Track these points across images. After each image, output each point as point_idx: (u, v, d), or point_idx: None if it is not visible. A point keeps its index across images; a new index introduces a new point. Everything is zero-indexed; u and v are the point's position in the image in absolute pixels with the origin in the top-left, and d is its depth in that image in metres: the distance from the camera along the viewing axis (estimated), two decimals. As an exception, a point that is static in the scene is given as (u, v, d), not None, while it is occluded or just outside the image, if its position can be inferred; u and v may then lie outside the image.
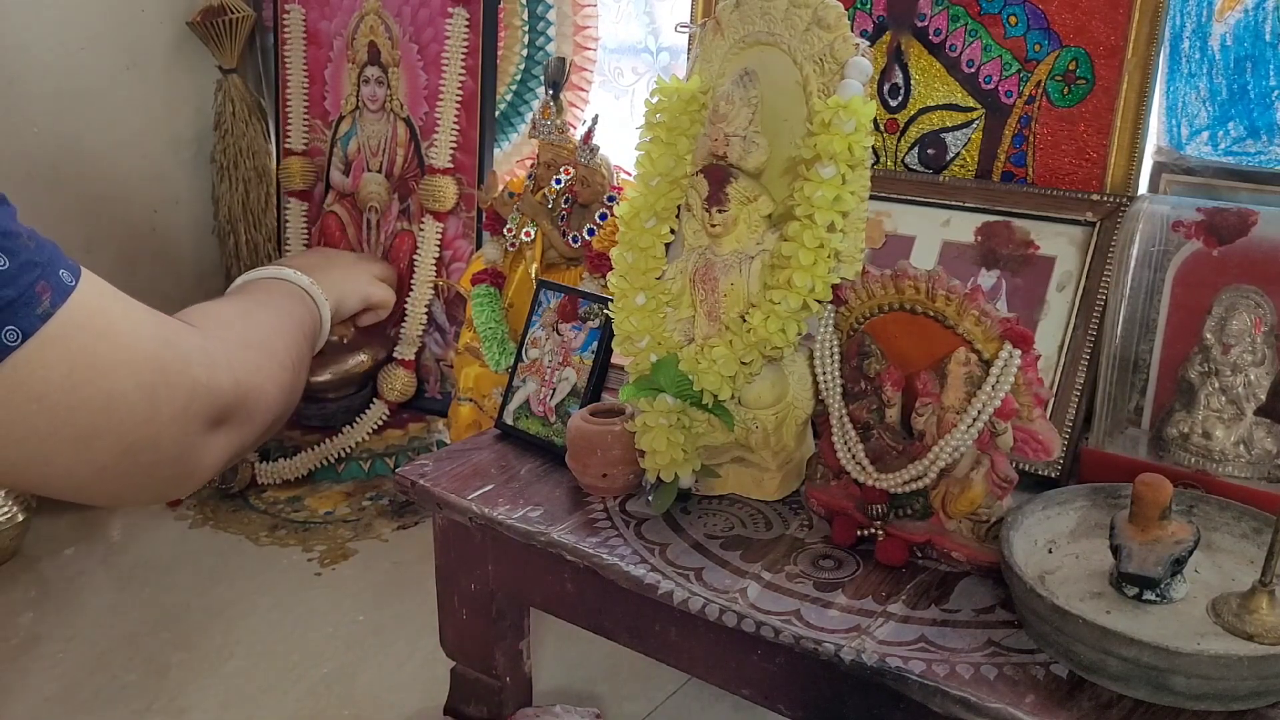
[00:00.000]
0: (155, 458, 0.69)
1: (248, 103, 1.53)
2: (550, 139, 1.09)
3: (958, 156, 0.99)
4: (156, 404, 0.67)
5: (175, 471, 0.72)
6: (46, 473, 0.65)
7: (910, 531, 0.74)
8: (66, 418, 0.63)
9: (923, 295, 0.71)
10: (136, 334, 0.67)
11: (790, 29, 0.77)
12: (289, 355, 0.88)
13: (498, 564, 0.86)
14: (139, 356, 0.66)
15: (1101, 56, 0.91)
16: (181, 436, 0.70)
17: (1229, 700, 0.59)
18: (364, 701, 0.97)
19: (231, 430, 0.76)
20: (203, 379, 0.71)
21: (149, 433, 0.67)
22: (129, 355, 0.66)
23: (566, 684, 1.00)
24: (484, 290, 1.13)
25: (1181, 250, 0.85)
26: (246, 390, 0.77)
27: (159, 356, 0.68)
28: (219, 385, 0.73)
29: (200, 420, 0.71)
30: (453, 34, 1.27)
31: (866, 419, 0.76)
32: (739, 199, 0.77)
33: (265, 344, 0.85)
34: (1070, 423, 0.84)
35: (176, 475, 0.72)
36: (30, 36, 1.35)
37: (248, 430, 0.78)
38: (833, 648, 0.65)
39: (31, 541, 1.21)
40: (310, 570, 1.16)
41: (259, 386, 0.79)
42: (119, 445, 0.66)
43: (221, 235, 1.59)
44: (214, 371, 0.73)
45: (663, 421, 0.78)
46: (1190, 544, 0.64)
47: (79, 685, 0.99)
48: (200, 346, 0.73)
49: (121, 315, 0.67)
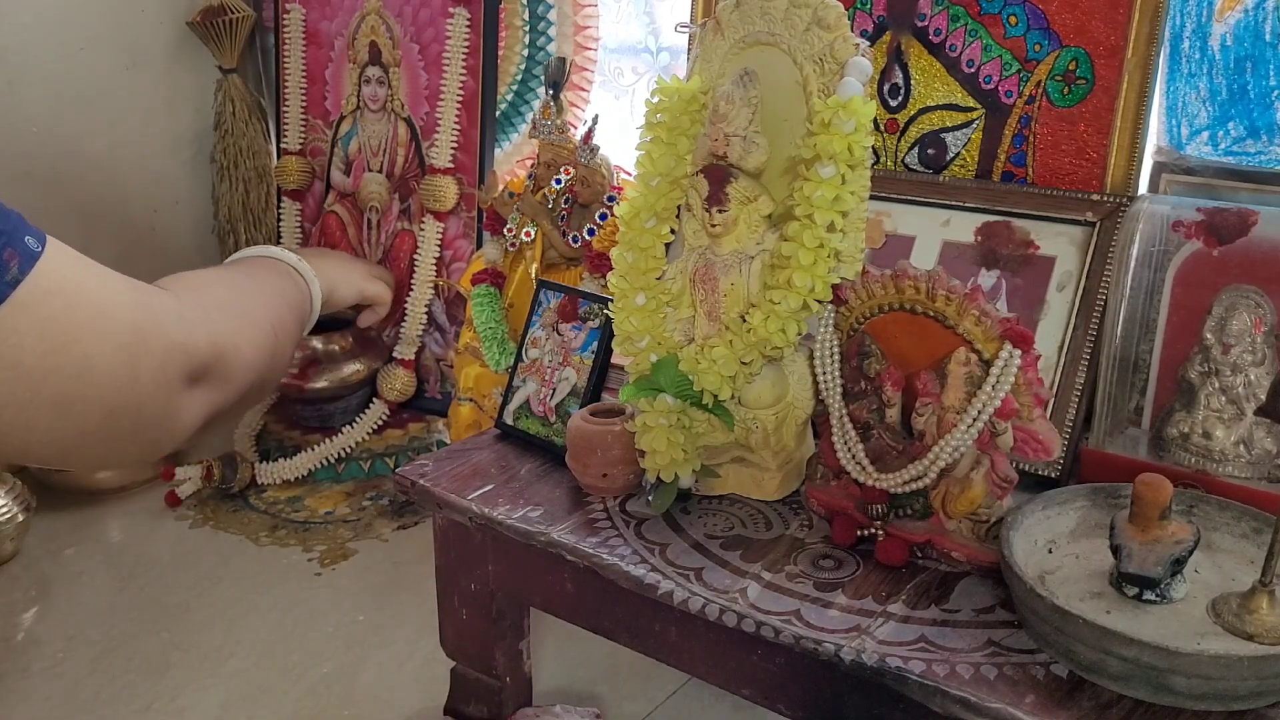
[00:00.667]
0: (136, 419, 0.69)
1: (248, 103, 1.53)
2: (550, 139, 1.09)
3: (958, 156, 0.99)
4: (135, 367, 0.67)
5: (156, 432, 0.72)
6: (28, 440, 0.65)
7: (910, 531, 0.74)
8: (43, 384, 0.63)
9: (923, 295, 0.71)
10: (109, 298, 0.67)
11: (790, 29, 0.78)
12: (267, 319, 0.88)
13: (498, 564, 0.86)
14: (113, 320, 0.66)
15: (1101, 56, 0.91)
16: (161, 397, 0.70)
17: (1229, 700, 0.59)
18: (364, 701, 0.97)
19: (209, 389, 0.76)
20: (179, 338, 0.71)
21: (130, 396, 0.67)
22: (103, 320, 0.66)
23: (566, 684, 1.00)
24: (484, 290, 1.13)
25: (1181, 250, 0.85)
26: (223, 349, 0.77)
27: (133, 319, 0.68)
28: (194, 344, 0.73)
29: (178, 380, 0.72)
30: (453, 34, 1.27)
31: (866, 419, 0.76)
32: (739, 199, 0.77)
33: (240, 306, 0.85)
34: (1070, 423, 0.84)
35: (157, 435, 0.73)
36: (30, 36, 1.35)
37: (225, 389, 0.79)
38: (833, 648, 0.65)
39: (31, 541, 1.21)
40: (310, 570, 1.16)
41: (235, 345, 0.79)
42: (100, 410, 0.66)
43: (221, 235, 1.59)
44: (189, 330, 0.73)
45: (663, 421, 0.78)
46: (1190, 544, 0.64)
47: (79, 685, 0.99)
48: (174, 307, 0.73)
49: (92, 280, 0.67)
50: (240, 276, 0.96)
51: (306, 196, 1.48)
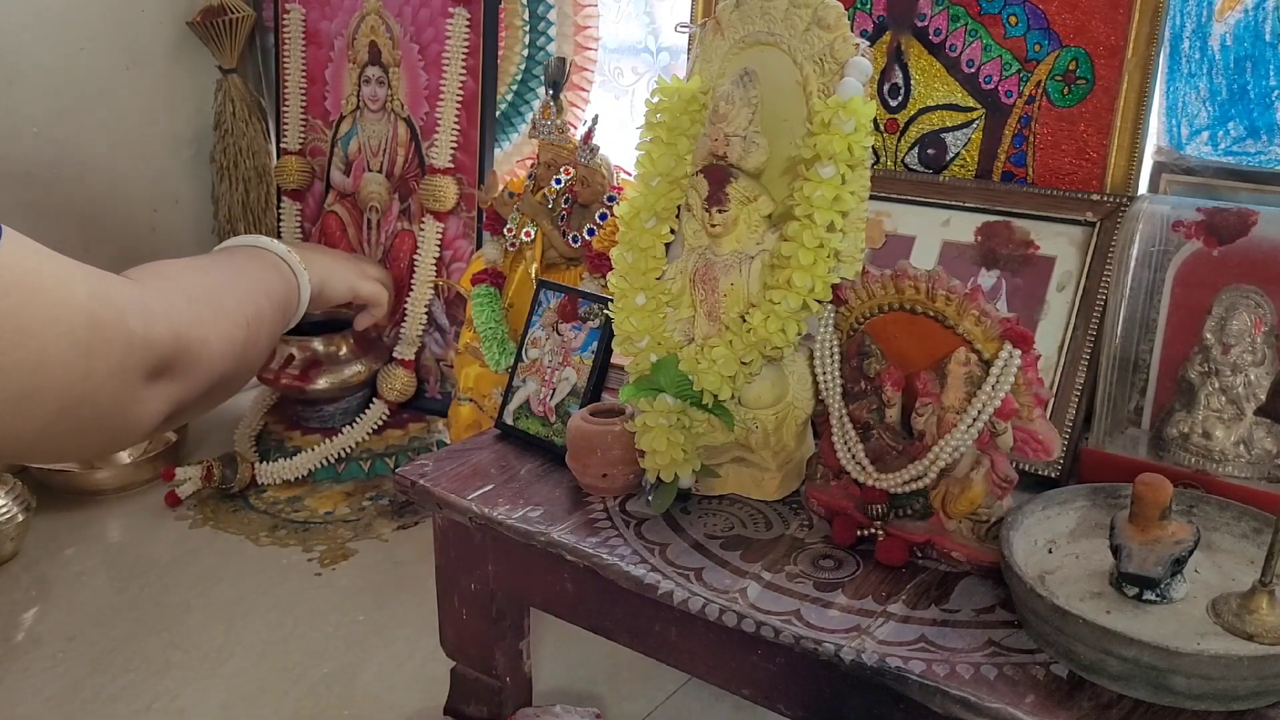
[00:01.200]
0: (94, 412, 0.68)
1: (247, 102, 1.54)
2: (550, 139, 1.09)
3: (958, 156, 0.99)
4: (91, 359, 0.66)
5: (115, 426, 0.71)
6: None
7: (910, 531, 0.74)
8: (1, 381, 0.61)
9: (923, 295, 0.71)
10: (66, 290, 0.65)
11: (790, 29, 0.77)
12: (241, 312, 0.85)
13: (498, 564, 0.86)
14: (70, 313, 0.65)
15: (1101, 56, 0.91)
16: (119, 390, 0.69)
17: (1229, 700, 0.59)
18: (364, 701, 0.97)
19: (172, 382, 0.75)
20: (139, 330, 0.70)
21: (85, 389, 0.66)
22: (60, 312, 0.64)
23: (566, 684, 1.00)
24: (484, 290, 1.13)
25: (1181, 250, 0.85)
26: (188, 342, 0.75)
27: (91, 311, 0.66)
28: (157, 336, 0.72)
29: (138, 373, 0.70)
30: (453, 34, 1.27)
31: (866, 419, 0.76)
32: (739, 199, 0.77)
33: (212, 298, 0.83)
34: (1070, 423, 0.84)
35: (116, 430, 0.71)
36: (30, 36, 1.35)
37: (190, 382, 0.77)
38: (833, 648, 0.65)
39: (31, 541, 1.21)
40: (310, 570, 1.16)
41: (202, 339, 0.77)
42: (56, 404, 0.65)
43: (221, 235, 1.59)
44: (150, 322, 0.71)
45: (663, 421, 0.78)
46: (1190, 544, 0.64)
47: (79, 685, 0.99)
48: (135, 298, 0.72)
49: (50, 272, 0.65)
50: (218, 267, 0.94)
51: (306, 196, 1.48)
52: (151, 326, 0.72)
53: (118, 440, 0.74)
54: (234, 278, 0.92)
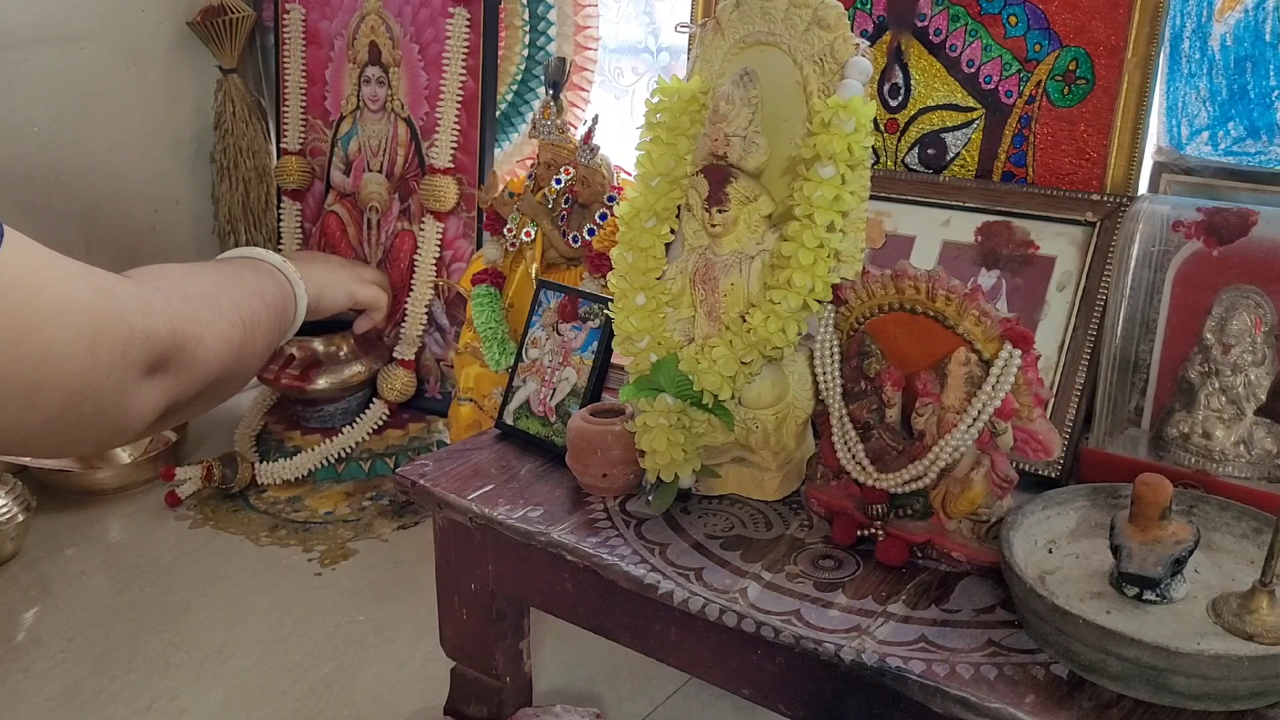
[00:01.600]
0: (97, 405, 0.69)
1: (247, 102, 1.54)
2: (550, 139, 1.09)
3: (958, 156, 0.99)
4: (95, 352, 0.68)
5: (114, 420, 0.72)
6: None
7: (910, 531, 0.74)
8: (9, 374, 0.63)
9: (923, 295, 0.71)
10: (69, 285, 0.67)
11: (790, 29, 0.78)
12: (237, 313, 0.87)
13: (498, 564, 0.86)
14: (74, 307, 0.67)
15: (1101, 56, 0.91)
16: (120, 383, 0.71)
17: (1229, 700, 0.59)
18: (364, 701, 0.97)
19: (168, 378, 0.76)
20: (139, 324, 0.72)
21: (89, 380, 0.68)
22: (64, 306, 0.66)
23: (566, 684, 1.00)
24: (484, 290, 1.13)
25: (1181, 250, 0.85)
26: (184, 338, 0.77)
27: (93, 304, 0.68)
28: (155, 331, 0.73)
29: (137, 367, 0.72)
30: (453, 34, 1.27)
31: (866, 419, 0.76)
32: (739, 199, 0.77)
33: (208, 298, 0.85)
34: (1070, 423, 0.84)
35: (114, 424, 0.73)
36: (30, 37, 1.35)
37: (185, 379, 0.79)
38: (833, 648, 0.65)
39: (31, 541, 1.21)
40: (310, 570, 1.16)
41: (198, 336, 0.79)
42: (62, 396, 0.66)
43: (221, 235, 1.59)
44: (149, 317, 0.73)
45: (663, 421, 0.78)
46: (1190, 544, 0.64)
47: (79, 685, 0.99)
48: (135, 293, 0.73)
49: (52, 269, 0.67)
50: (214, 271, 0.95)
51: (306, 196, 1.48)
52: (150, 321, 0.73)
53: (115, 436, 0.75)
54: (229, 282, 0.94)
